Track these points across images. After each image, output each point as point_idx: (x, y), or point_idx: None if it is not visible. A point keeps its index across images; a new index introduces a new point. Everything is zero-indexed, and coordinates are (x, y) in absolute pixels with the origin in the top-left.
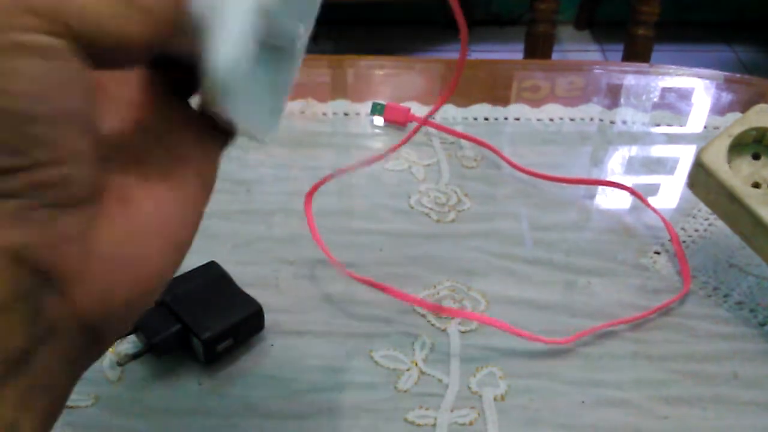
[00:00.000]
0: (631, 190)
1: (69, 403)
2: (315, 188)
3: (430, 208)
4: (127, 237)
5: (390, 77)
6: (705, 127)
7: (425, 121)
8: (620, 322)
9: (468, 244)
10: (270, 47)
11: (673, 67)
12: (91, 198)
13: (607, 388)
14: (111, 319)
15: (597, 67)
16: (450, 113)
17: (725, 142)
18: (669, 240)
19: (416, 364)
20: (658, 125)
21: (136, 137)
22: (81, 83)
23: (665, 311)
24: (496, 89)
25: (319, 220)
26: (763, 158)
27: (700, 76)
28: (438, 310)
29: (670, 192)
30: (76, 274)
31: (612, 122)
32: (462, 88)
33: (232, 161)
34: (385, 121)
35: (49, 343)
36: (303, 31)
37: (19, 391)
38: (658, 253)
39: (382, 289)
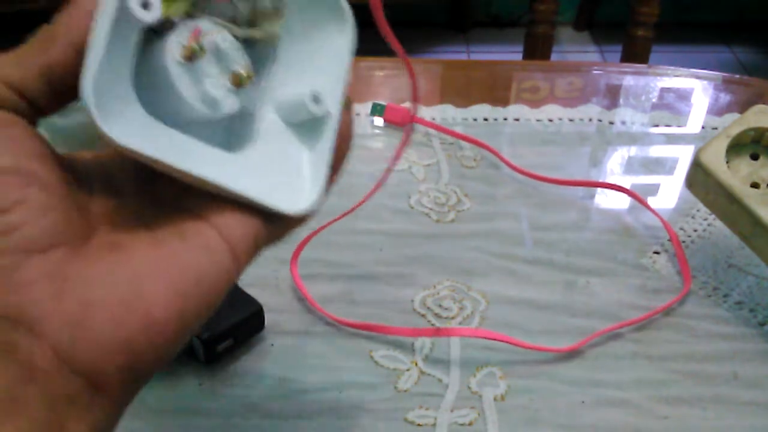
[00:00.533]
0: (629, 192)
1: None
2: (299, 249)
3: (430, 208)
4: (111, 279)
5: (390, 78)
6: (703, 128)
7: (411, 121)
8: (624, 324)
9: (468, 244)
10: (287, 123)
11: (671, 67)
12: (60, 242)
13: (607, 388)
14: (104, 362)
15: (596, 68)
16: (450, 114)
17: (724, 143)
18: (668, 240)
19: (416, 364)
20: (657, 126)
21: (133, 189)
22: (14, 140)
23: (665, 311)
24: (496, 90)
25: (321, 221)
26: (761, 158)
27: (698, 77)
28: (437, 334)
29: (669, 192)
30: (47, 313)
31: (611, 123)
32: (462, 88)
33: None
34: (385, 121)
35: (33, 384)
36: (314, 96)
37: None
38: (657, 253)
39: (373, 329)
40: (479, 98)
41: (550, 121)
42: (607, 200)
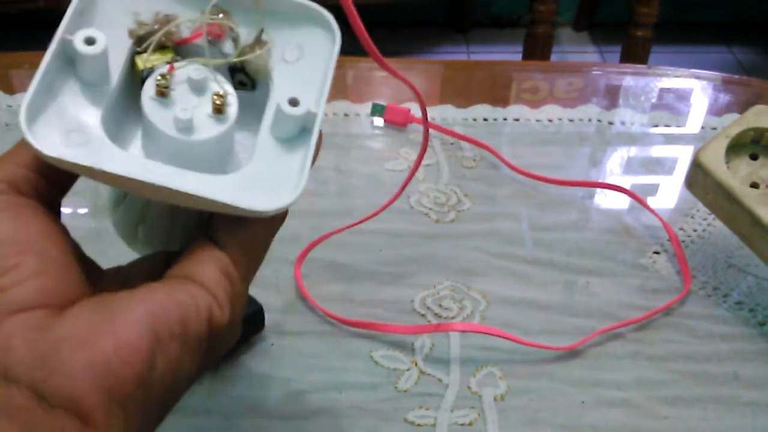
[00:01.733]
0: (628, 192)
1: None
2: (306, 251)
3: (430, 208)
4: (82, 315)
5: (390, 78)
6: (703, 128)
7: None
8: (624, 324)
9: (468, 244)
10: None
11: (671, 68)
12: (45, 304)
13: (607, 389)
14: (79, 389)
15: (596, 68)
16: (449, 114)
17: (723, 143)
18: (668, 240)
19: (416, 364)
20: (657, 126)
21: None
22: (18, 217)
23: (665, 311)
24: (496, 90)
25: (320, 221)
26: (760, 158)
27: (698, 77)
28: (437, 329)
29: (669, 192)
30: (20, 358)
31: (610, 123)
32: (462, 89)
33: None
34: (385, 121)
35: (13, 422)
36: (291, 100)
37: None
38: (657, 253)
39: (373, 327)
40: (479, 98)
41: (550, 121)
42: (606, 200)
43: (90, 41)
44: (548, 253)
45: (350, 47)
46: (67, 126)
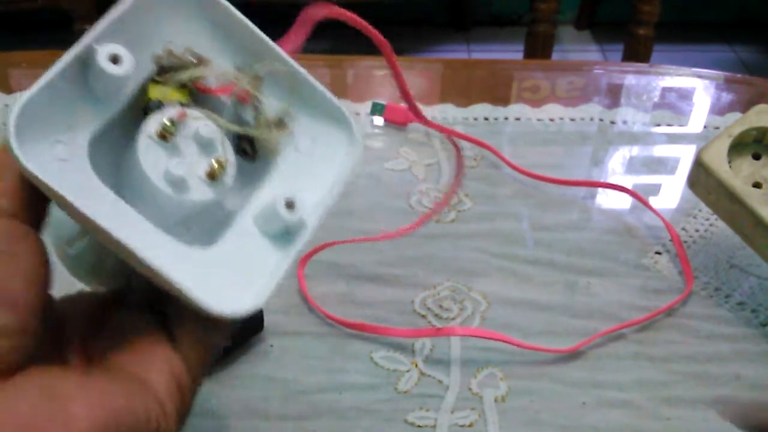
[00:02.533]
0: (630, 192)
1: None
2: (310, 254)
3: (430, 208)
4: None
5: (390, 77)
6: (705, 127)
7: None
8: (625, 325)
9: (468, 244)
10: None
11: (673, 67)
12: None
13: (608, 389)
14: None
15: (597, 67)
16: (450, 113)
17: (725, 142)
18: (670, 240)
19: (416, 365)
20: (659, 125)
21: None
22: (14, 258)
23: (667, 312)
24: (497, 89)
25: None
26: (763, 158)
27: (700, 76)
28: (437, 333)
29: (671, 192)
30: None
31: (612, 122)
32: (462, 88)
33: None
34: (385, 120)
35: None
36: (288, 202)
37: None
38: (659, 253)
39: (373, 329)
40: (480, 97)
41: (551, 120)
42: (608, 200)
43: (115, 59)
44: (549, 253)
45: (350, 45)
46: (55, 134)
